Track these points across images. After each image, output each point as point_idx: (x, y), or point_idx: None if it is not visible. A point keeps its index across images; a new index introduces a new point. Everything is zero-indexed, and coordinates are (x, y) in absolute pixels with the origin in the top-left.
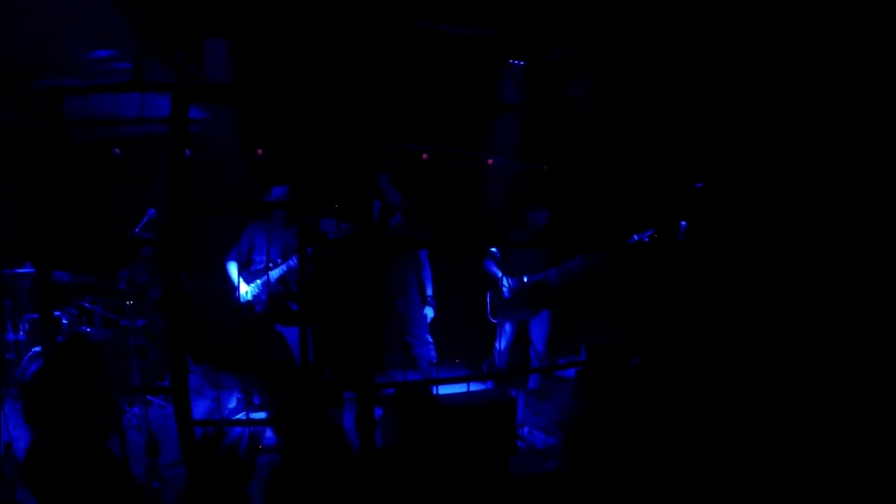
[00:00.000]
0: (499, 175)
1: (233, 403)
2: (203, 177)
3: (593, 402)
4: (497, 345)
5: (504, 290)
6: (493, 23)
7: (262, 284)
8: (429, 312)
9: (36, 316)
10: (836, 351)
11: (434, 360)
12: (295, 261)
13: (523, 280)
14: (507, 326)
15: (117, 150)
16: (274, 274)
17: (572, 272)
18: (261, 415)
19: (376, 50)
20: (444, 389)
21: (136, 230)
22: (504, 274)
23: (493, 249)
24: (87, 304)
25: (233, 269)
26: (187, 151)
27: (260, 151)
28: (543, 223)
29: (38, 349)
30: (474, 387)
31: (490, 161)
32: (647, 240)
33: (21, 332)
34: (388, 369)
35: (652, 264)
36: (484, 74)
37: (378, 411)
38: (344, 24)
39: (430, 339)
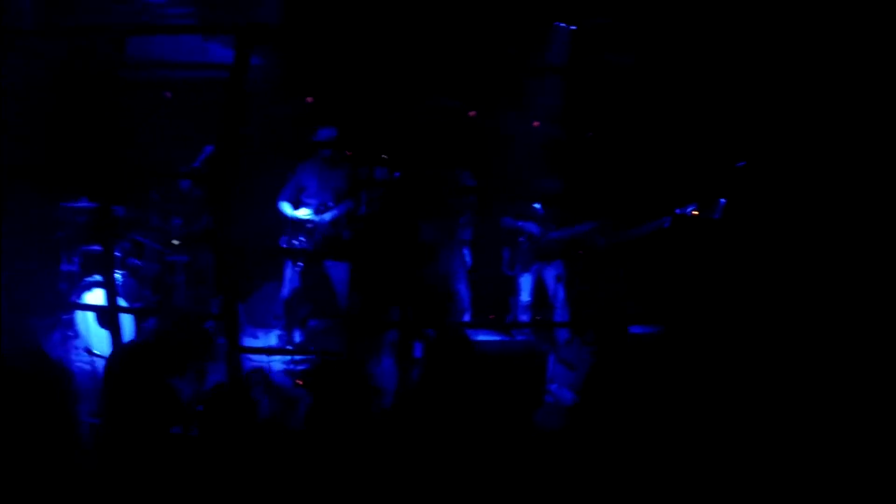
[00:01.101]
0: (539, 138)
1: (273, 340)
2: (252, 120)
3: (610, 366)
4: (518, 298)
5: (521, 240)
6: None
7: (318, 222)
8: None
9: (88, 248)
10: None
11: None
12: (350, 205)
13: (547, 235)
14: (527, 279)
15: (169, 94)
16: (327, 216)
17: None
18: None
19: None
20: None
21: (196, 165)
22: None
23: (537, 206)
24: (139, 238)
25: (286, 206)
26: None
27: (310, 99)
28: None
29: (91, 279)
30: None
31: (536, 123)
32: (689, 213)
33: (75, 264)
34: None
35: (689, 239)
36: (532, 36)
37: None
38: None
39: (468, 290)
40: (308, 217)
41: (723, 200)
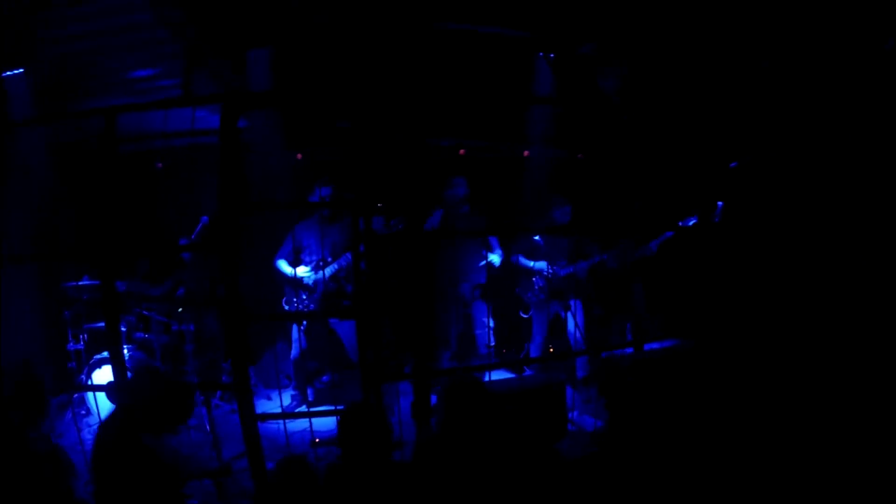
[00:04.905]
0: (534, 165)
1: (287, 400)
2: (247, 182)
3: (633, 385)
4: (532, 336)
5: (535, 280)
6: (521, 24)
7: (318, 279)
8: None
9: (94, 325)
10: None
11: (492, 344)
12: (348, 258)
13: (556, 273)
14: (541, 319)
15: (160, 164)
16: (328, 270)
17: (600, 266)
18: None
19: (407, 47)
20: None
21: (193, 237)
22: (535, 262)
23: (537, 238)
24: (144, 311)
25: (284, 265)
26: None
27: (299, 156)
28: (567, 220)
29: (100, 356)
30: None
31: (526, 153)
32: (690, 225)
33: (81, 342)
34: (449, 354)
35: (692, 248)
36: (516, 67)
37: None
38: (372, 26)
39: (488, 324)
40: (307, 274)
41: (720, 203)
